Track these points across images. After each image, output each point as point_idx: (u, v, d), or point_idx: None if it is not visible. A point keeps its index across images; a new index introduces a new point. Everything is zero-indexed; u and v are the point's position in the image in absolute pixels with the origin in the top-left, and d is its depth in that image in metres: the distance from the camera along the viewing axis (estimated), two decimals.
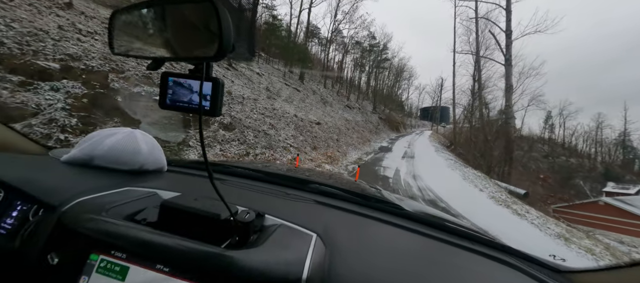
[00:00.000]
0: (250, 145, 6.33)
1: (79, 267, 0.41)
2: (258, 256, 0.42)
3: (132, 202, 0.56)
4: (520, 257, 0.71)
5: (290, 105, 11.82)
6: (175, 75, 0.43)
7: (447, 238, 0.71)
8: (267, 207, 0.65)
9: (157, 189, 0.66)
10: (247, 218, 0.50)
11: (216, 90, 0.40)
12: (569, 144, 54.34)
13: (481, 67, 18.22)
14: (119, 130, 0.83)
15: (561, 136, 54.70)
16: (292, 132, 9.18)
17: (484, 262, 0.63)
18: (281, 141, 7.92)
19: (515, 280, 0.58)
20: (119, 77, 4.98)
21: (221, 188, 0.43)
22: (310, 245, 0.50)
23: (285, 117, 9.91)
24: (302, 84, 18.79)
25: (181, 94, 0.42)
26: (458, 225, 0.90)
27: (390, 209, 0.87)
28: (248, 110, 7.97)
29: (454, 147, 20.96)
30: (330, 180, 1.25)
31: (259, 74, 13.16)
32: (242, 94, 8.67)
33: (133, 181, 0.72)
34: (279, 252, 0.45)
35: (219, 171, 1.01)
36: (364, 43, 28.59)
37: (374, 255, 0.56)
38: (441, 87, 45.99)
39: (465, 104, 25.29)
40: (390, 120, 31.72)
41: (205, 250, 0.41)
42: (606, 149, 55.06)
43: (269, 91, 11.55)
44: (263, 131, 7.56)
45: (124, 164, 0.79)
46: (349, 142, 13.90)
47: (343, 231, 0.63)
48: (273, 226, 0.56)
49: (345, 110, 20.93)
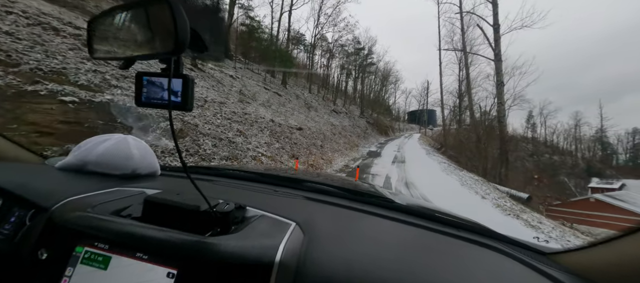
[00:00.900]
0: (204, 156, 5.06)
1: (65, 259, 0.43)
2: (234, 242, 0.44)
3: (119, 200, 0.58)
4: (505, 241, 0.72)
5: (267, 110, 10.60)
6: (149, 74, 0.44)
7: (435, 226, 0.72)
8: (252, 201, 0.65)
9: (146, 189, 0.67)
10: (226, 209, 0.51)
11: (186, 86, 0.43)
12: (551, 142, 55.82)
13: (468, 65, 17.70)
14: (112, 136, 0.85)
15: (543, 135, 56.20)
16: (266, 139, 7.95)
17: (470, 247, 0.64)
18: (250, 149, 6.67)
19: (500, 264, 0.59)
20: (9, 72, 3.65)
21: (211, 189, 0.50)
22: (288, 232, 0.51)
23: (259, 122, 8.68)
24: (284, 88, 17.66)
25: (154, 91, 0.44)
26: (447, 214, 0.88)
27: (380, 202, 0.87)
28: (210, 115, 6.70)
29: (445, 149, 20.28)
30: (324, 179, 1.24)
31: (233, 77, 11.92)
32: (204, 96, 7.40)
33: (124, 183, 0.73)
34: (256, 238, 0.47)
35: (213, 174, 1.04)
36: (348, 47, 27.98)
37: (357, 243, 0.55)
38: (427, 90, 46.28)
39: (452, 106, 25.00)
40: (379, 125, 31.08)
41: (183, 237, 0.43)
42: (585, 146, 57.04)
43: (242, 94, 10.31)
44: (227, 139, 6.30)
45: (116, 169, 0.80)
46: (335, 148, 12.78)
47: (326, 221, 0.64)
48: (254, 217, 0.57)
49: (331, 114, 19.92)
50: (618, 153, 57.26)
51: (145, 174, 0.87)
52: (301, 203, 0.77)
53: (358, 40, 28.43)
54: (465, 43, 17.67)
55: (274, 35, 19.92)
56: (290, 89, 18.64)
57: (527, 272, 0.56)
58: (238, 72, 14.16)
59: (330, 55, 28.42)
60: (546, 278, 0.54)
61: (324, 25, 24.10)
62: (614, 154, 56.77)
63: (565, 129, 56.79)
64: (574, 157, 51.95)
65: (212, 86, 8.90)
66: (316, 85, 26.58)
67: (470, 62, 17.73)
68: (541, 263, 0.60)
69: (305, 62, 28.00)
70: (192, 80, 0.43)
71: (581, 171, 44.74)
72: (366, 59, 30.55)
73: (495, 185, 10.01)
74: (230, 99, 8.82)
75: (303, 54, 28.50)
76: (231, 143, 6.25)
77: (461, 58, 20.38)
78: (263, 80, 16.19)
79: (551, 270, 0.57)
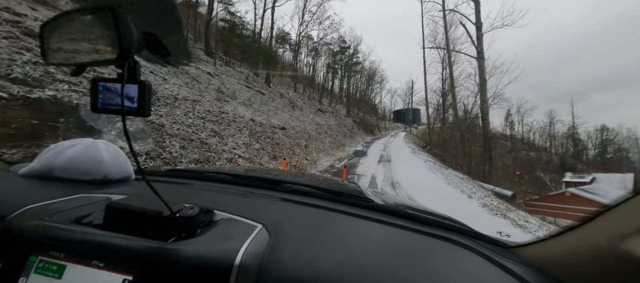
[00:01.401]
0: (168, 160, 4.51)
1: (18, 269, 0.43)
2: (195, 246, 0.44)
3: (82, 207, 0.57)
4: (473, 236, 0.74)
5: (247, 109, 10.05)
6: (105, 79, 0.44)
7: (408, 225, 0.73)
8: (223, 204, 0.65)
9: (114, 195, 0.66)
10: (191, 213, 0.50)
11: (143, 92, 0.43)
12: (527, 139, 58.44)
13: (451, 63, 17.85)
14: (81, 140, 0.83)
15: (520, 132, 58.71)
16: (245, 139, 7.43)
17: (438, 244, 0.65)
18: (226, 151, 6.15)
19: (465, 259, 0.60)
20: None
21: (184, 193, 0.49)
22: (252, 234, 0.51)
23: (238, 121, 8.14)
24: (268, 87, 17.05)
25: (109, 97, 0.44)
26: (421, 211, 0.92)
27: (358, 202, 0.88)
28: (180, 114, 6.11)
29: (430, 148, 20.43)
30: (306, 179, 1.24)
31: (211, 74, 11.24)
32: (175, 94, 6.78)
33: (91, 189, 0.71)
34: (217, 242, 0.46)
35: (190, 177, 1.02)
36: (334, 46, 27.68)
37: (325, 245, 0.55)
38: (412, 89, 46.97)
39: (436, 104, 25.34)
40: (365, 124, 31.06)
41: (141, 243, 0.43)
42: (559, 142, 60.26)
43: (221, 93, 9.69)
44: (199, 140, 5.75)
45: (85, 174, 0.77)
46: (320, 148, 12.41)
47: (297, 223, 0.64)
48: (221, 220, 0.56)
49: (317, 114, 19.53)
50: (588, 149, 60.91)
51: (118, 179, 0.85)
52: (275, 205, 0.77)
53: (343, 39, 28.22)
54: (448, 41, 17.83)
55: (257, 32, 19.23)
56: (274, 87, 18.06)
57: (489, 267, 0.58)
58: (218, 69, 13.45)
59: (315, 53, 28.04)
60: (505, 272, 0.55)
61: (309, 23, 23.64)
62: (584, 150, 60.31)
63: (540, 127, 59.80)
64: (549, 153, 54.69)
65: (186, 83, 8.24)
66: (302, 84, 26.08)
67: (453, 61, 17.92)
68: (503, 258, 0.62)
69: (291, 61, 27.42)
70: (149, 86, 0.43)
71: (556, 166, 47.10)
72: (352, 58, 30.38)
73: (480, 183, 10.01)
74: (205, 97, 8.21)
75: (288, 53, 27.95)
76: (203, 145, 5.70)
77: (444, 57, 20.63)
78: (245, 78, 15.53)
79: (511, 264, 0.59)
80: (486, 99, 12.52)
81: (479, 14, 12.53)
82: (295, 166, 8.41)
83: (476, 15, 12.61)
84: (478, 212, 5.71)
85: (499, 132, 47.63)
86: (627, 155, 58.89)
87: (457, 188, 7.69)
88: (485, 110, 12.55)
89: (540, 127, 59.53)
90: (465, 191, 7.49)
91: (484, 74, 12.47)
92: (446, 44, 17.93)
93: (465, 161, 13.76)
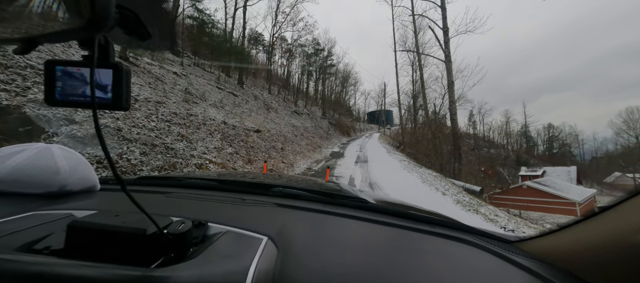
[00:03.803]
0: (125, 169, 3.98)
1: None
2: (192, 271, 0.36)
3: (34, 228, 0.46)
4: (475, 233, 0.73)
5: (219, 111, 9.48)
6: (65, 62, 0.35)
7: (409, 224, 0.72)
8: (215, 215, 0.60)
9: (77, 210, 0.56)
10: (181, 229, 0.42)
11: (119, 78, 0.34)
12: (488, 137, 63.46)
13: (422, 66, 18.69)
14: (30, 146, 0.69)
15: (481, 131, 63.59)
16: (216, 143, 6.95)
17: (443, 242, 0.65)
18: (196, 156, 5.67)
19: (471, 255, 0.60)
20: None
21: (165, 204, 0.41)
22: (258, 250, 0.45)
23: (209, 124, 7.61)
24: (241, 88, 16.39)
25: (73, 86, 0.34)
26: (419, 210, 0.92)
27: (353, 203, 0.86)
28: (141, 117, 5.50)
29: (404, 148, 21.14)
30: (294, 182, 1.20)
31: (178, 74, 10.46)
32: (134, 94, 6.12)
33: (47, 204, 0.61)
34: (219, 263, 0.39)
35: (170, 184, 0.95)
36: (308, 47, 27.60)
37: (334, 251, 0.52)
38: (384, 91, 48.58)
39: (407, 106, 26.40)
40: (341, 125, 31.34)
41: (117, 272, 0.33)
42: (514, 139, 66.32)
43: (189, 94, 9.02)
44: (164, 144, 5.22)
45: (36, 186, 0.66)
46: (297, 150, 12.14)
47: (301, 231, 0.60)
48: (217, 234, 0.49)
49: (292, 116, 19.21)
50: (538, 145, 67.96)
51: (79, 191, 0.73)
52: (272, 212, 0.70)
53: (318, 41, 28.25)
54: (418, 45, 18.65)
55: (228, 31, 18.44)
56: (247, 89, 17.43)
57: (497, 261, 0.58)
58: (186, 69, 12.59)
59: (290, 55, 27.70)
60: (513, 266, 0.56)
61: (283, 24, 23.30)
62: (535, 146, 67.19)
63: (498, 125, 65.36)
64: (506, 150, 59.87)
65: (148, 83, 7.52)
66: (277, 86, 25.56)
67: (423, 64, 18.78)
68: (508, 252, 0.62)
69: (265, 62, 26.78)
70: (127, 71, 0.35)
71: (512, 161, 51.73)
72: (326, 60, 30.54)
73: (452, 180, 10.47)
74: (171, 98, 7.56)
75: (262, 54, 27.28)
76: (169, 150, 5.18)
77: (414, 60, 21.55)
78: (216, 79, 14.76)
79: (517, 257, 0.59)
80: (454, 100, 13.25)
81: (446, 19, 13.26)
82: (272, 170, 8.08)
83: (443, 21, 13.33)
84: (454, 209, 5.87)
85: (463, 131, 51.18)
86: (569, 149, 66.80)
87: (432, 186, 7.93)
88: (453, 111, 13.27)
89: (498, 126, 65.12)
90: (439, 188, 7.73)
91: (451, 76, 13.20)
92: (416, 47, 18.77)
93: (436, 159, 14.41)
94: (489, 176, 32.27)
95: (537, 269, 0.53)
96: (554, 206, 18.82)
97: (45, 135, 3.57)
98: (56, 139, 3.62)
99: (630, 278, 0.43)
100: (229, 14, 18.94)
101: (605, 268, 0.46)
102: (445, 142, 15.38)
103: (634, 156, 48.78)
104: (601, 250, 0.47)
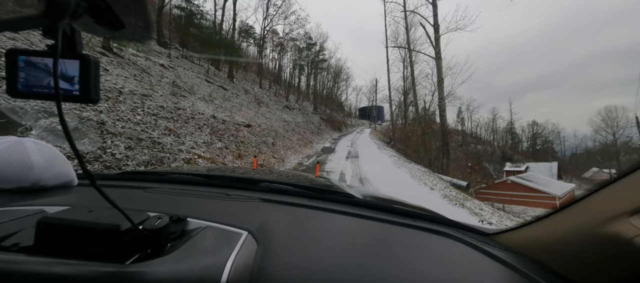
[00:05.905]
0: (110, 163, 3.86)
1: None
2: (168, 266, 0.35)
3: (2, 224, 0.45)
4: (455, 226, 0.75)
5: (208, 105, 9.29)
6: (28, 52, 0.33)
7: (393, 218, 0.73)
8: (197, 210, 0.59)
9: (50, 206, 0.54)
10: (157, 224, 0.41)
11: (86, 69, 0.33)
12: (475, 134, 65.13)
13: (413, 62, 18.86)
14: (1, 138, 0.66)
15: (469, 127, 65.14)
16: (205, 138, 6.83)
17: (424, 235, 0.66)
18: (184, 151, 5.55)
19: (449, 247, 0.61)
20: None
21: (146, 199, 0.40)
22: (237, 244, 0.45)
23: (197, 118, 7.46)
24: (231, 82, 16.09)
25: (37, 77, 0.33)
26: (404, 205, 0.93)
27: (340, 198, 0.86)
28: (126, 110, 5.33)
29: (394, 143, 21.41)
30: (284, 177, 1.19)
31: (165, 66, 10.15)
32: (119, 86, 5.91)
33: (18, 200, 0.59)
34: (196, 257, 0.39)
35: (153, 179, 0.93)
36: (300, 41, 27.30)
37: (316, 246, 0.53)
38: (376, 87, 48.82)
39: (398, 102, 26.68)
40: (332, 121, 31.35)
41: (89, 269, 0.32)
42: (500, 136, 68.36)
43: (177, 87, 8.79)
44: (150, 139, 5.08)
45: (6, 182, 0.64)
46: (288, 146, 12.09)
47: (284, 226, 0.60)
48: (196, 230, 0.48)
49: (284, 111, 19.07)
50: (522, 141, 70.32)
51: (55, 186, 0.70)
52: (256, 207, 0.70)
53: (310, 36, 27.98)
54: (409, 41, 18.79)
55: (217, 22, 17.97)
56: (238, 83, 17.13)
57: (473, 253, 0.59)
58: (173, 61, 12.23)
59: (281, 49, 27.34)
60: (489, 258, 0.57)
61: (274, 17, 22.90)
62: (520, 142, 69.51)
63: (485, 122, 67.09)
64: (492, 146, 61.69)
65: (134, 75, 7.28)
66: (268, 80, 25.23)
67: (414, 61, 18.96)
68: (485, 244, 0.63)
69: (256, 56, 26.34)
70: (95, 62, 0.33)
71: (498, 157, 53.39)
72: (318, 55, 30.33)
73: (440, 175, 10.72)
74: (158, 91, 7.35)
75: (253, 48, 26.80)
76: (156, 145, 5.06)
77: (405, 56, 21.73)
78: (206, 72, 14.43)
79: (492, 249, 0.61)
80: (443, 97, 13.48)
81: (437, 16, 13.40)
82: (262, 165, 8.03)
83: (434, 18, 13.46)
84: (441, 203, 6.03)
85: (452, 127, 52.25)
86: (552, 146, 69.50)
87: (420, 181, 8.09)
88: (443, 107, 13.51)
89: (485, 123, 66.86)
90: (427, 183, 7.90)
91: (441, 73, 13.40)
92: (407, 44, 18.90)
93: (425, 155, 14.68)
94: (475, 171, 33.19)
95: (510, 260, 0.55)
96: (535, 200, 19.61)
97: (22, 129, 3.41)
98: (34, 133, 3.46)
99: (595, 269, 0.45)
100: (219, 5, 18.48)
101: (572, 259, 0.48)
102: (434, 138, 15.69)
103: (610, 152, 51.25)
104: (569, 242, 0.49)
